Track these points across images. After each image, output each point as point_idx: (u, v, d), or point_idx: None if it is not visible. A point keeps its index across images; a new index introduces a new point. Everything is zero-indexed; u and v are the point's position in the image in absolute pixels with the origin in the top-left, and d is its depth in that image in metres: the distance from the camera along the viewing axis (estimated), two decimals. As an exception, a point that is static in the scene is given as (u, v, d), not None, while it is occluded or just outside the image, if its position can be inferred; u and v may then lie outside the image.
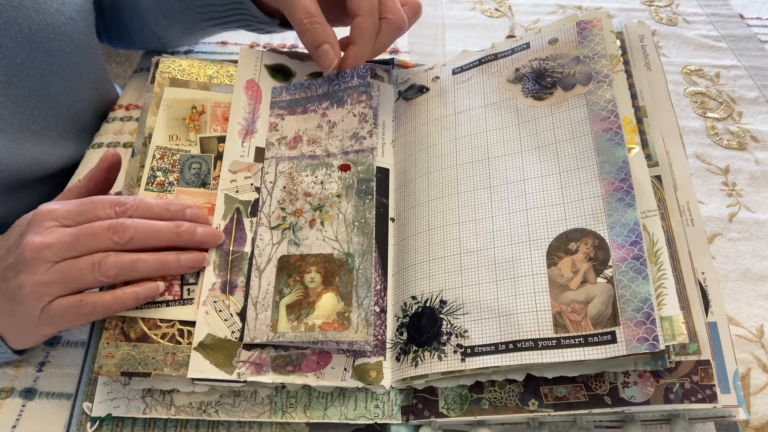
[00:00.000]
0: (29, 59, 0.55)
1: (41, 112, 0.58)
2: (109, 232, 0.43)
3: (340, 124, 0.51)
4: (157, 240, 0.44)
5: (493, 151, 0.49)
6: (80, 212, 0.44)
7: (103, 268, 0.42)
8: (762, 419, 0.48)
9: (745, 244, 0.59)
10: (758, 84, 0.74)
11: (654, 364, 0.39)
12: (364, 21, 0.50)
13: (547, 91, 0.49)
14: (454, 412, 0.43)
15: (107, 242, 0.43)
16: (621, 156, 0.44)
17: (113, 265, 0.42)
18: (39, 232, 0.42)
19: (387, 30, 0.51)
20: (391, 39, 0.53)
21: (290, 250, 0.47)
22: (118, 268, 0.42)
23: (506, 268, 0.44)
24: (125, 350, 0.42)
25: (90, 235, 0.42)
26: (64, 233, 0.42)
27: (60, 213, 0.44)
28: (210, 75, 0.53)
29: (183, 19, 0.65)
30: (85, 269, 0.42)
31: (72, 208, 0.44)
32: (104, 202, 0.45)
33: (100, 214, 0.44)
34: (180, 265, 0.44)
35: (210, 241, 0.46)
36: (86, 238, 0.42)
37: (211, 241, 0.46)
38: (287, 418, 0.44)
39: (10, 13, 0.52)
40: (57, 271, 0.42)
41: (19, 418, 0.46)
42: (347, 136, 0.51)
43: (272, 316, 0.45)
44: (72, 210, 0.44)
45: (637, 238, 0.41)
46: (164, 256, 0.44)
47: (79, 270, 0.42)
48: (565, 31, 0.51)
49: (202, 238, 0.45)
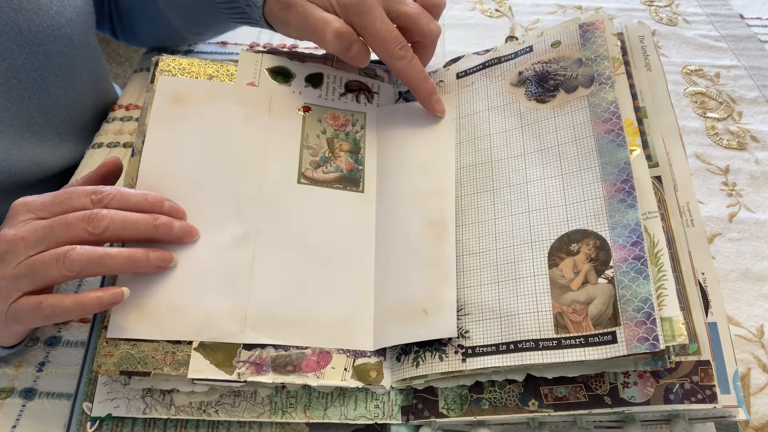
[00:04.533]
0: (29, 61, 0.55)
1: (41, 114, 0.58)
2: (84, 223, 0.41)
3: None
4: (133, 232, 0.42)
5: (496, 154, 0.49)
6: (55, 203, 0.43)
7: (67, 262, 0.40)
8: (762, 419, 0.48)
9: (745, 244, 0.59)
10: (758, 84, 0.74)
11: (654, 365, 0.39)
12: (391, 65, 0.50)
13: (550, 93, 0.49)
14: (454, 412, 0.43)
15: (81, 233, 0.41)
16: (623, 157, 0.44)
17: (78, 258, 0.40)
18: (13, 225, 0.41)
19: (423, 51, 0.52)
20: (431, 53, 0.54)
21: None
22: (83, 263, 0.40)
23: (508, 270, 0.44)
24: (124, 349, 0.42)
25: (63, 226, 0.41)
26: (38, 225, 0.41)
27: (35, 205, 0.42)
28: (210, 74, 0.52)
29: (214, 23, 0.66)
30: (50, 262, 0.40)
31: (47, 200, 0.43)
32: (80, 192, 0.43)
33: (76, 205, 0.42)
34: (149, 263, 0.43)
35: (187, 236, 0.44)
36: (59, 229, 0.41)
37: (187, 237, 0.45)
38: (287, 418, 0.44)
39: (9, 15, 0.52)
40: (26, 265, 0.40)
41: (19, 418, 0.46)
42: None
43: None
44: (47, 201, 0.43)
45: (638, 239, 0.41)
46: (133, 253, 0.42)
47: (44, 263, 0.40)
48: (567, 34, 0.51)
49: (179, 232, 0.44)
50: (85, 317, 0.51)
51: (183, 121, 0.49)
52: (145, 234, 0.43)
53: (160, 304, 0.43)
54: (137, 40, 0.75)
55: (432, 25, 0.52)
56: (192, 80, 0.51)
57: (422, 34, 0.51)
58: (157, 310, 0.43)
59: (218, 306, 0.44)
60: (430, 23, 0.51)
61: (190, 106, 0.50)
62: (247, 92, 0.52)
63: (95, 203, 0.43)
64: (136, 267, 0.42)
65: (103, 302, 0.41)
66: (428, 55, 0.54)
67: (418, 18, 0.51)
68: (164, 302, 0.43)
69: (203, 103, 0.50)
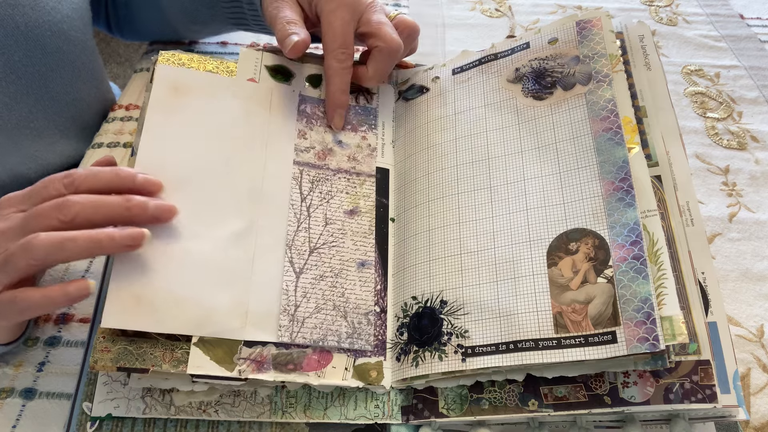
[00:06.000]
0: (26, 56, 0.55)
1: (41, 110, 0.58)
2: (55, 211, 0.40)
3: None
4: (105, 216, 0.41)
5: (493, 151, 0.49)
6: (32, 194, 0.42)
7: (30, 250, 0.39)
8: (762, 419, 0.48)
9: (745, 244, 0.59)
10: (758, 84, 0.74)
11: (654, 364, 0.39)
12: (327, 61, 0.51)
13: (547, 90, 0.49)
14: (454, 412, 0.43)
15: (52, 222, 0.40)
16: (621, 156, 0.44)
17: (40, 245, 0.39)
18: None
19: (380, 56, 0.53)
20: (388, 63, 0.53)
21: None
22: (45, 249, 0.39)
23: (507, 269, 0.44)
24: (122, 345, 0.42)
25: (35, 216, 0.40)
26: (15, 218, 0.41)
27: (17, 198, 0.43)
28: (210, 70, 0.52)
29: (213, 22, 0.67)
30: (17, 253, 0.39)
31: (27, 192, 0.43)
32: (55, 179, 0.42)
33: (52, 193, 0.42)
34: (115, 243, 0.40)
35: (163, 215, 0.43)
36: (32, 219, 0.41)
37: (164, 216, 0.43)
38: (287, 418, 0.44)
39: (6, 10, 0.52)
40: (2, 259, 0.40)
41: (19, 418, 0.46)
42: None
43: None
44: (26, 193, 0.43)
45: (637, 238, 0.41)
46: (95, 234, 0.40)
47: (13, 254, 0.40)
48: (564, 31, 0.51)
49: (155, 212, 0.42)
50: (85, 316, 0.51)
51: (182, 111, 0.49)
52: (118, 216, 0.41)
53: (158, 295, 0.42)
54: (131, 34, 0.75)
55: (395, 35, 0.53)
56: (192, 71, 0.51)
57: (383, 40, 0.52)
58: (154, 300, 0.42)
59: (219, 301, 0.44)
60: (394, 34, 0.53)
61: (189, 98, 0.50)
62: (248, 87, 0.52)
63: (67, 187, 0.42)
64: (100, 249, 0.40)
65: (70, 295, 0.40)
66: (384, 64, 0.53)
67: (383, 26, 0.52)
68: (162, 293, 0.42)
69: (203, 95, 0.50)
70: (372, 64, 0.53)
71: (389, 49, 0.52)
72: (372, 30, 0.52)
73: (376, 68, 0.53)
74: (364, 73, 0.54)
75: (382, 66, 0.53)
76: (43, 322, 0.51)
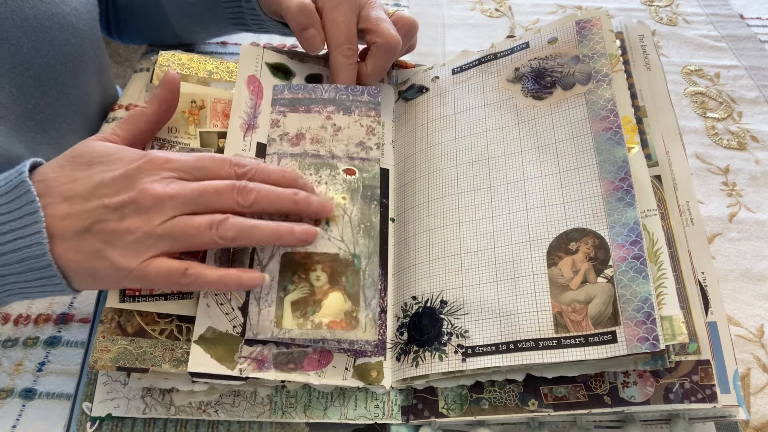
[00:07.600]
0: (35, 48, 0.55)
1: (48, 103, 0.58)
2: (233, 193, 0.41)
3: (346, 129, 0.51)
4: (277, 206, 0.43)
5: (492, 151, 0.49)
6: (199, 167, 0.42)
7: (221, 229, 0.40)
8: (762, 419, 0.48)
9: (745, 244, 0.59)
10: (758, 84, 0.74)
11: (654, 364, 0.39)
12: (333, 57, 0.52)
13: (547, 90, 0.49)
14: (454, 412, 0.43)
15: (230, 203, 0.41)
16: (621, 155, 0.44)
17: (233, 227, 0.40)
18: (157, 181, 0.40)
19: (378, 52, 0.53)
20: (387, 60, 0.54)
21: (294, 247, 0.47)
22: (236, 232, 0.40)
23: (507, 269, 0.44)
24: (122, 345, 0.42)
25: (214, 193, 0.41)
26: (186, 186, 0.40)
27: (178, 164, 0.41)
28: (210, 70, 0.52)
29: (214, 23, 0.67)
30: (203, 227, 0.40)
31: (191, 161, 0.42)
32: (224, 161, 0.43)
33: (221, 173, 0.42)
34: (293, 237, 0.43)
35: (323, 211, 0.45)
36: (210, 195, 0.41)
37: (324, 212, 0.46)
38: (287, 418, 0.44)
39: (15, 2, 0.53)
40: (172, 225, 0.39)
41: (19, 418, 0.46)
42: (353, 142, 0.51)
43: (276, 312, 0.44)
44: (191, 163, 0.42)
45: (637, 238, 0.41)
46: (279, 226, 0.42)
47: (196, 227, 0.40)
48: (564, 31, 0.51)
49: (317, 208, 0.45)
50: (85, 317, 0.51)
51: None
52: (287, 208, 0.44)
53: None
54: (132, 38, 0.75)
55: (394, 32, 0.53)
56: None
57: (381, 36, 0.52)
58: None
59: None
60: (393, 30, 0.53)
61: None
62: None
63: (239, 176, 0.43)
64: (281, 240, 0.43)
65: (243, 283, 0.41)
66: (383, 61, 0.53)
67: (382, 22, 0.53)
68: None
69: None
70: (371, 60, 0.53)
71: (388, 46, 0.52)
72: (371, 26, 0.52)
73: (375, 65, 0.53)
74: (363, 70, 0.54)
75: (381, 62, 0.53)
76: (43, 322, 0.51)
